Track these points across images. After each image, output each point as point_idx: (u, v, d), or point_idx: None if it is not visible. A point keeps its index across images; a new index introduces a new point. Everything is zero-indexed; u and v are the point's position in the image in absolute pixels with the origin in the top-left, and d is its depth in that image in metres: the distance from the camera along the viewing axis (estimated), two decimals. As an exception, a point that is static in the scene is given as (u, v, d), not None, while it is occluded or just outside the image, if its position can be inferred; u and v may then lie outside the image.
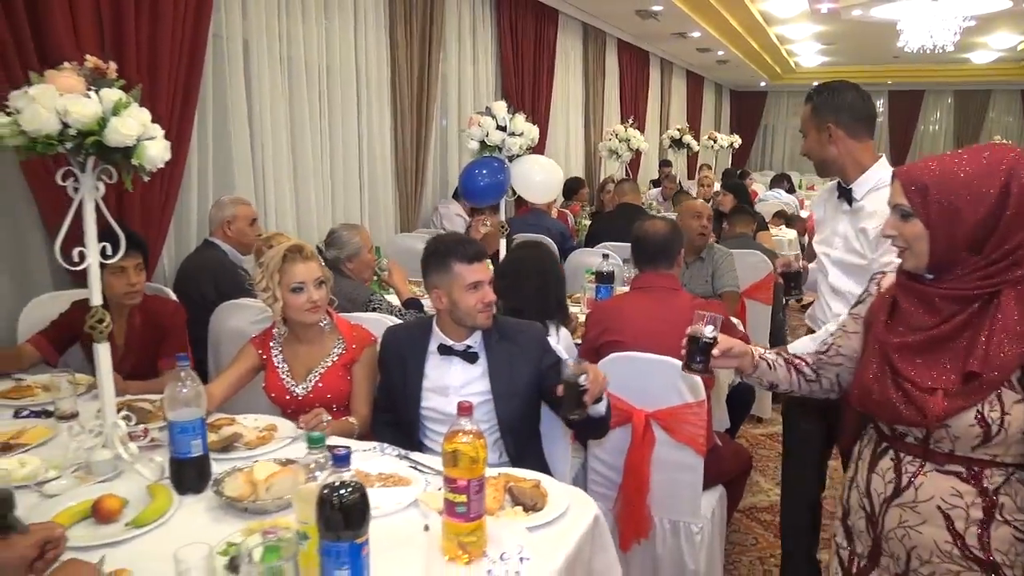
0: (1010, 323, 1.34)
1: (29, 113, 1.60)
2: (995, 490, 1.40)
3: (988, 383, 1.35)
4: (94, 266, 1.83)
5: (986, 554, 1.41)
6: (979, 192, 1.34)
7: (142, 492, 1.71)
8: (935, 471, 1.44)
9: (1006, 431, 1.36)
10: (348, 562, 1.24)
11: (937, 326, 1.41)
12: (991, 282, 1.36)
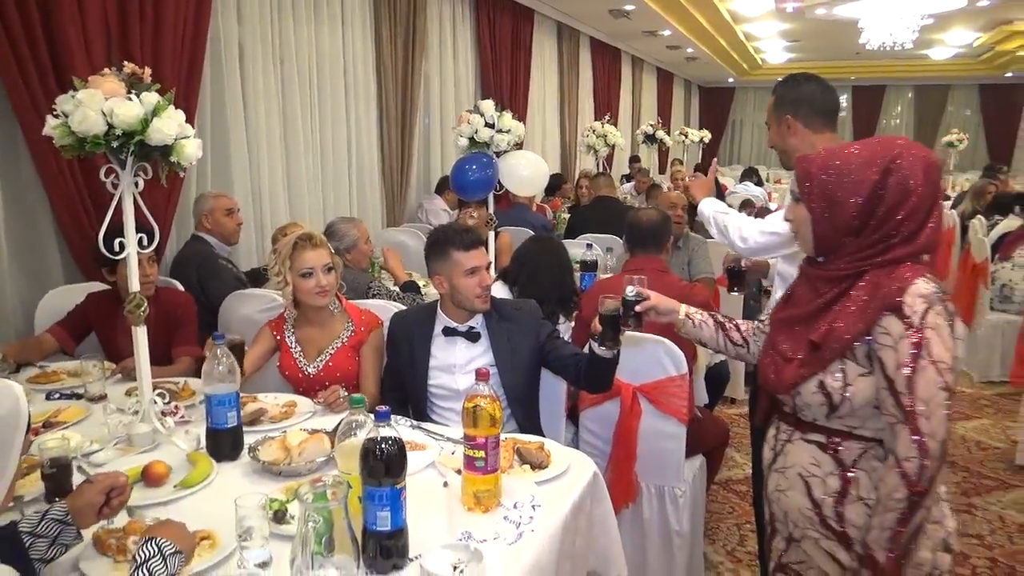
0: (857, 301, 1.41)
1: (79, 116, 1.76)
2: (851, 463, 1.45)
3: (826, 354, 1.43)
4: (132, 255, 1.99)
5: (841, 526, 1.46)
6: (858, 181, 1.40)
7: (183, 460, 1.88)
8: (800, 439, 1.52)
9: (850, 401, 1.42)
10: (389, 504, 1.43)
11: (810, 304, 1.49)
12: (858, 265, 1.42)
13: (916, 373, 1.32)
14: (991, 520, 3.38)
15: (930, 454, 1.31)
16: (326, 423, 2.08)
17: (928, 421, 1.31)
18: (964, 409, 4.78)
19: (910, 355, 1.33)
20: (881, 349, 1.36)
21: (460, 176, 3.65)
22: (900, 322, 1.34)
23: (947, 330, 1.34)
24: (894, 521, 1.34)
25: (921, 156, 1.40)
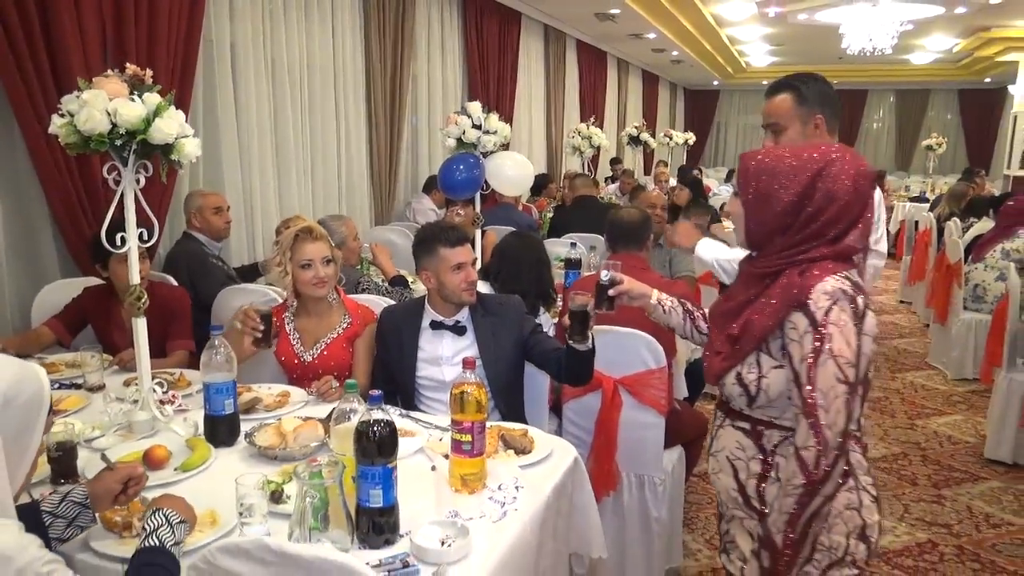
0: (771, 298, 1.46)
1: (84, 115, 1.84)
2: (772, 449, 1.52)
3: (743, 347, 1.49)
4: (133, 249, 2.07)
5: (761, 506, 1.53)
6: (790, 182, 1.44)
7: (181, 445, 1.96)
8: (730, 425, 1.60)
9: (765, 393, 1.48)
10: (381, 482, 1.52)
11: (737, 299, 1.55)
12: (782, 262, 1.47)
13: (817, 366, 1.37)
14: (959, 510, 3.51)
15: (827, 444, 1.36)
16: (318, 411, 2.17)
17: (827, 412, 1.36)
18: (937, 405, 4.93)
19: (812, 349, 1.38)
20: (790, 343, 1.43)
21: (448, 176, 3.74)
22: (805, 318, 1.39)
23: (851, 326, 1.38)
24: (791, 505, 1.39)
25: (853, 166, 1.44)
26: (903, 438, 4.35)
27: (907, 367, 5.75)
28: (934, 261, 6.32)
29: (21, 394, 1.21)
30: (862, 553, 1.48)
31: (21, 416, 1.20)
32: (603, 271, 1.97)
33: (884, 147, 17.43)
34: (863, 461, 1.52)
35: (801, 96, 2.13)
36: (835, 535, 1.46)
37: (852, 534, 1.47)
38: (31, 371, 1.25)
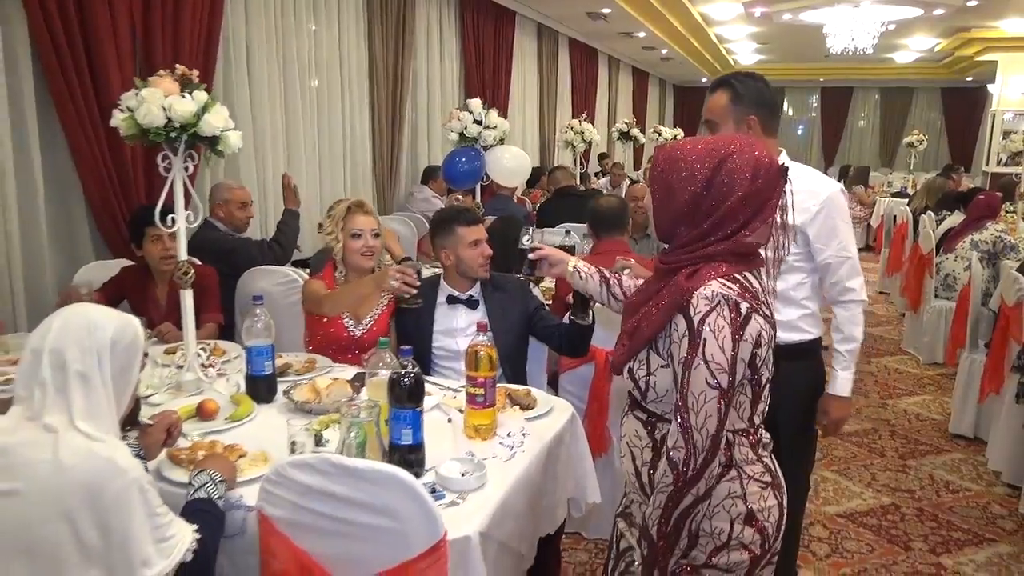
0: (662, 298, 1.47)
1: (143, 110, 2.10)
2: (661, 438, 1.52)
3: (635, 344, 1.52)
4: (181, 228, 2.33)
5: (651, 491, 1.51)
6: (691, 174, 1.42)
7: (227, 401, 2.23)
8: (631, 414, 1.63)
9: (654, 390, 1.51)
10: (411, 423, 1.79)
11: (642, 294, 1.58)
12: (682, 258, 1.47)
13: (690, 370, 1.38)
14: (922, 478, 3.81)
15: (696, 447, 1.38)
16: (344, 374, 2.44)
17: (696, 416, 1.37)
18: (908, 387, 5.24)
19: (687, 353, 1.39)
20: (672, 344, 1.45)
21: (451, 168, 4.01)
22: (685, 321, 1.41)
23: (728, 331, 1.37)
24: (662, 502, 1.42)
25: (754, 157, 1.41)
26: (874, 416, 4.66)
27: (882, 352, 6.06)
28: (909, 252, 6.64)
29: (124, 338, 1.47)
30: (750, 536, 1.49)
31: (124, 356, 1.47)
32: (523, 237, 2.09)
33: (869, 144, 17.78)
34: (751, 454, 1.51)
35: (736, 95, 2.13)
36: (717, 522, 1.47)
37: (736, 520, 1.48)
38: (131, 320, 1.51)
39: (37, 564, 1.27)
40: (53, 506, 1.28)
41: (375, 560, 1.46)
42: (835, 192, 2.21)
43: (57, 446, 1.31)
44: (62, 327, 1.42)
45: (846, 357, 2.25)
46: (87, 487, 1.30)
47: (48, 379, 1.38)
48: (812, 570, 2.96)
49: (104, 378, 1.42)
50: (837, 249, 2.19)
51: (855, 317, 2.24)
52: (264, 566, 1.53)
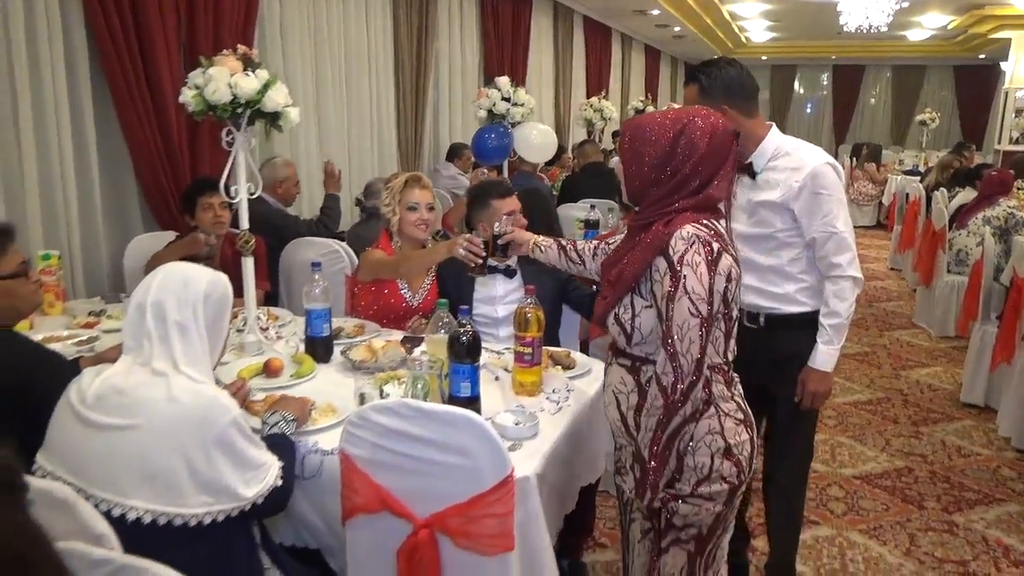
0: (641, 247, 1.63)
1: (211, 88, 2.24)
2: (645, 382, 1.67)
3: (618, 291, 1.66)
4: (243, 200, 2.48)
5: (638, 432, 1.68)
6: (657, 141, 1.61)
7: (288, 360, 2.39)
8: (615, 362, 1.77)
9: (639, 331, 1.65)
10: (470, 377, 1.95)
11: (620, 251, 1.74)
12: (652, 215, 1.64)
13: (673, 303, 1.54)
14: (934, 443, 3.96)
15: (682, 371, 1.54)
16: (393, 336, 2.60)
17: (681, 343, 1.53)
18: (920, 358, 5.38)
19: (670, 288, 1.55)
20: (654, 284, 1.61)
21: (480, 144, 4.14)
22: (665, 261, 1.57)
23: (704, 266, 1.54)
24: (655, 425, 1.58)
25: (710, 124, 1.61)
26: (887, 386, 4.80)
27: (894, 326, 6.20)
28: (922, 228, 6.74)
29: (215, 291, 1.61)
30: (728, 469, 1.65)
31: (216, 308, 1.60)
32: (496, 224, 2.28)
33: (881, 121, 17.78)
34: (726, 391, 1.67)
35: (703, 88, 2.16)
36: (700, 456, 1.63)
37: (716, 454, 1.64)
38: (220, 276, 1.65)
39: (157, 490, 1.42)
40: (168, 439, 1.43)
41: (448, 494, 1.62)
42: (819, 166, 2.14)
43: (169, 386, 1.46)
44: (161, 282, 1.56)
45: (828, 331, 2.22)
46: (197, 422, 1.45)
47: (152, 329, 1.52)
48: (830, 527, 3.12)
49: (199, 328, 1.56)
50: (822, 224, 2.15)
51: (841, 292, 2.20)
52: (346, 501, 1.69)
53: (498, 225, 2.27)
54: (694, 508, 1.67)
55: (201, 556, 1.46)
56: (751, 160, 2.21)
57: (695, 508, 1.67)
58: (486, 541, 1.62)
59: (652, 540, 1.77)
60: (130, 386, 1.48)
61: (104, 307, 2.95)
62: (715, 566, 1.79)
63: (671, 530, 1.71)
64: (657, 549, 1.74)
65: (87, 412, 1.46)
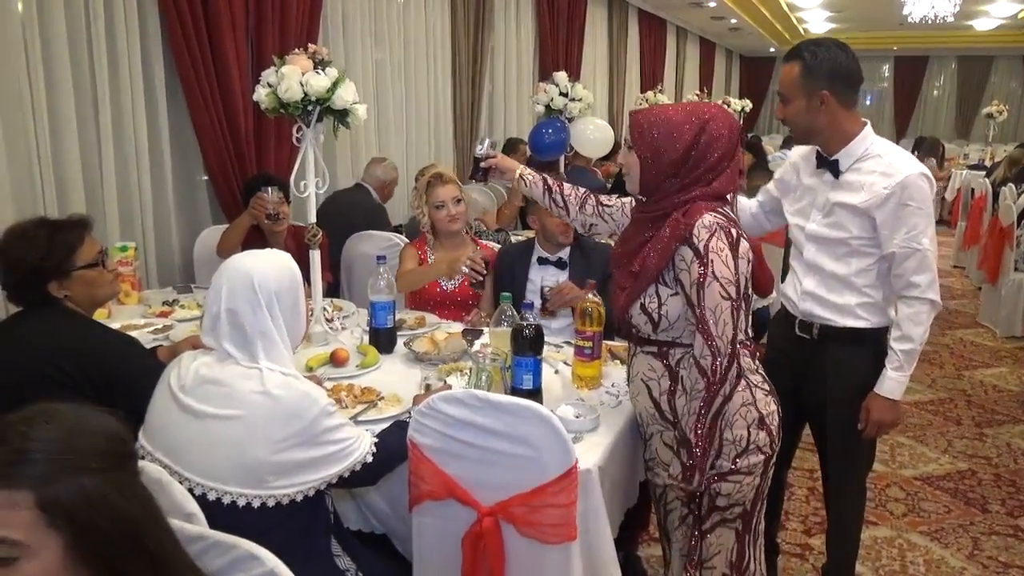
0: (662, 237, 1.67)
1: (284, 86, 2.31)
2: (675, 364, 1.75)
3: (642, 282, 1.70)
4: (311, 194, 2.55)
5: (673, 416, 1.76)
6: (678, 135, 1.65)
7: (354, 351, 2.46)
8: (640, 352, 1.82)
9: (666, 318, 1.70)
10: (532, 369, 1.99)
11: (635, 241, 1.76)
12: (667, 205, 1.69)
13: (704, 288, 1.60)
14: (999, 446, 3.87)
15: (719, 351, 1.60)
16: (453, 329, 2.65)
17: (716, 325, 1.60)
18: (984, 359, 5.24)
19: (699, 274, 1.61)
20: (680, 272, 1.66)
21: (537, 139, 4.17)
22: (690, 250, 1.62)
23: (727, 252, 1.61)
24: (697, 408, 1.64)
25: (728, 120, 1.69)
26: (950, 386, 4.70)
27: (958, 325, 6.04)
28: (988, 225, 6.55)
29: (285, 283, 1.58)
30: (763, 439, 1.73)
31: (290, 298, 1.60)
32: (478, 145, 2.24)
33: (944, 114, 17.22)
34: (752, 363, 1.74)
35: (807, 67, 2.01)
36: (737, 429, 1.69)
37: (751, 425, 1.71)
38: (284, 259, 1.63)
39: (249, 476, 1.47)
40: (264, 431, 1.47)
41: (513, 483, 1.66)
42: (912, 176, 1.97)
43: (263, 380, 1.50)
44: (230, 289, 1.53)
45: (899, 356, 2.04)
46: (291, 415, 1.48)
47: (231, 336, 1.53)
48: (890, 527, 3.08)
49: (278, 325, 1.56)
50: (905, 239, 1.98)
51: (917, 316, 2.03)
52: (413, 488, 1.75)
53: (480, 148, 2.23)
54: (736, 485, 1.73)
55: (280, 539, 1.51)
56: (836, 157, 2.06)
57: (737, 485, 1.73)
58: (549, 530, 1.66)
59: (690, 525, 1.80)
60: (226, 377, 1.51)
61: (176, 297, 3.07)
62: (759, 540, 1.86)
63: (715, 511, 1.77)
64: (699, 533, 1.78)
65: (185, 398, 1.51)
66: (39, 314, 1.93)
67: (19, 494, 0.86)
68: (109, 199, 3.21)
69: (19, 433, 0.89)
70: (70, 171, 3.04)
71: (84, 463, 0.90)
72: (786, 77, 2.07)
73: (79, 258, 1.94)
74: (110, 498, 0.90)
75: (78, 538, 0.88)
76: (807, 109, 2.03)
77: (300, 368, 2.25)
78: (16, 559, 0.86)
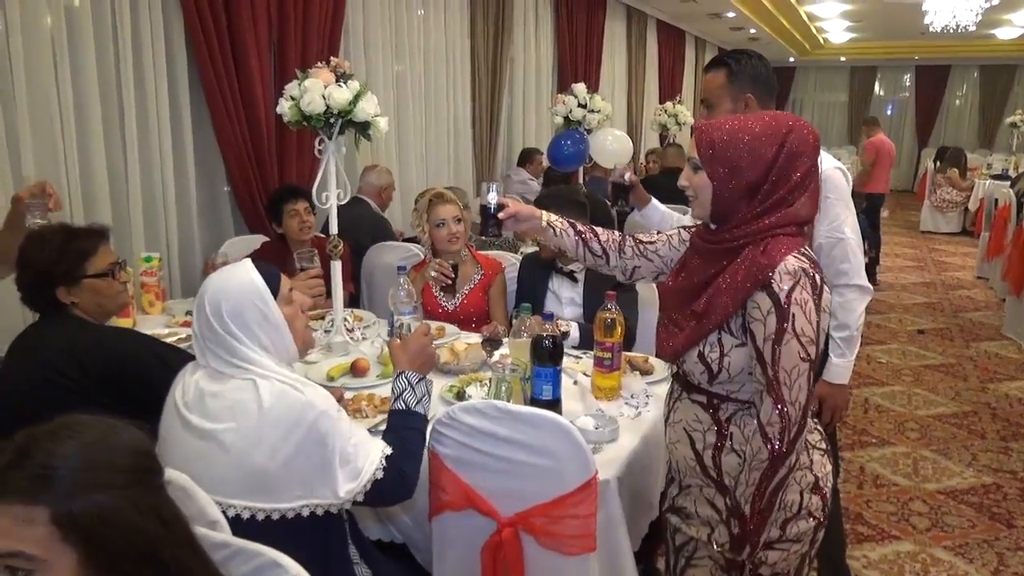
0: (734, 277, 1.44)
1: (307, 98, 2.35)
2: (726, 420, 1.53)
3: (706, 326, 1.47)
4: (333, 205, 2.58)
5: (718, 475, 1.55)
6: (758, 151, 1.43)
7: (374, 361, 2.47)
8: (687, 398, 1.59)
9: (727, 371, 1.48)
10: (551, 380, 1.99)
11: (699, 276, 1.53)
12: (742, 237, 1.46)
13: (780, 345, 1.38)
14: (1025, 460, 3.82)
15: (791, 420, 1.39)
16: (472, 339, 2.66)
17: (789, 390, 1.39)
18: (1010, 371, 5.17)
19: (776, 329, 1.38)
20: (752, 322, 1.42)
21: (556, 150, 4.19)
22: (768, 298, 1.39)
23: (811, 304, 1.40)
24: (756, 480, 1.44)
25: (810, 133, 1.46)
26: (974, 399, 4.64)
27: (981, 338, 5.96)
28: (1012, 235, 6.47)
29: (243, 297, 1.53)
30: (816, 504, 1.55)
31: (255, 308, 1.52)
32: (488, 193, 1.88)
33: (967, 124, 17.03)
34: (810, 422, 1.51)
35: (732, 73, 2.12)
36: (790, 494, 1.51)
37: (805, 490, 1.53)
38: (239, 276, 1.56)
39: (255, 489, 1.46)
40: (259, 439, 1.46)
41: (532, 494, 1.67)
42: (828, 170, 2.04)
43: (258, 389, 1.48)
44: (196, 314, 1.55)
45: (840, 345, 2.13)
46: (285, 422, 1.47)
47: (212, 354, 1.53)
48: (912, 542, 3.05)
49: (249, 341, 1.52)
50: (829, 229, 2.07)
51: (849, 303, 2.12)
52: (433, 498, 1.76)
53: (492, 195, 1.87)
54: (782, 554, 1.56)
55: (296, 549, 1.51)
56: None
57: (783, 553, 1.56)
58: (568, 541, 1.66)
59: None
60: (224, 389, 1.51)
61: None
62: None
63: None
64: None
65: (188, 414, 1.51)
66: (49, 321, 1.96)
67: (36, 510, 0.87)
68: (135, 210, 3.26)
69: (43, 449, 0.91)
70: (97, 182, 3.10)
71: (105, 480, 0.92)
72: (712, 84, 2.17)
73: (90, 266, 1.95)
74: (125, 514, 0.91)
75: (92, 554, 0.89)
76: (732, 112, 2.09)
77: (321, 377, 2.28)
78: (32, 572, 0.88)
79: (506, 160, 6.50)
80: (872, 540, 3.05)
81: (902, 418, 4.32)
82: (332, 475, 1.50)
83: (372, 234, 3.79)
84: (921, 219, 11.18)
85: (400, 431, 1.67)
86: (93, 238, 1.99)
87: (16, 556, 0.87)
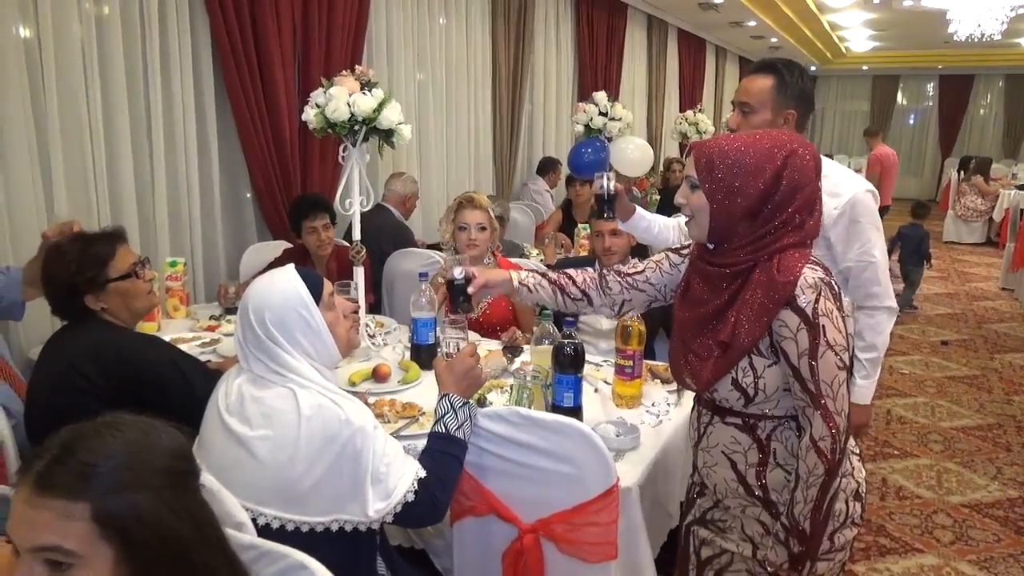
0: (755, 299, 1.41)
1: (332, 106, 2.37)
2: (766, 437, 1.50)
3: (734, 353, 1.44)
4: (356, 212, 2.61)
5: (764, 493, 1.52)
6: (758, 171, 1.39)
7: (395, 366, 2.49)
8: (720, 423, 1.56)
9: (763, 392, 1.46)
10: (573, 387, 2.00)
11: (712, 302, 1.49)
12: (749, 256, 1.43)
13: (817, 360, 1.37)
14: (1050, 473, 3.76)
15: (840, 429, 1.39)
16: (493, 346, 2.67)
17: (834, 401, 1.39)
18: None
19: (810, 344, 1.38)
20: (783, 341, 1.40)
21: (577, 158, 4.20)
22: (796, 315, 1.38)
23: (836, 312, 1.40)
24: (815, 496, 1.41)
25: (812, 153, 1.44)
26: (999, 411, 4.58)
27: (1006, 349, 5.89)
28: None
29: (285, 306, 1.54)
30: (858, 510, 1.56)
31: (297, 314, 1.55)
32: (455, 268, 1.82)
33: (991, 134, 16.84)
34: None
35: (783, 83, 2.02)
36: (837, 503, 1.50)
37: (850, 498, 1.55)
38: (275, 283, 1.59)
39: (287, 500, 1.48)
40: (294, 451, 1.47)
41: (555, 501, 1.67)
42: (859, 194, 2.04)
43: (297, 400, 1.50)
44: (240, 321, 1.56)
45: (865, 366, 2.13)
46: (321, 436, 1.48)
47: (255, 361, 1.55)
48: (936, 555, 3.01)
49: (292, 348, 1.53)
50: (859, 253, 2.06)
51: (878, 324, 2.11)
52: (455, 503, 1.76)
53: (458, 270, 1.81)
54: (829, 564, 1.55)
55: (324, 560, 1.50)
56: None
57: (830, 563, 1.55)
58: (589, 548, 1.66)
59: None
60: (266, 395, 1.52)
61: (223, 312, 3.14)
62: None
63: None
64: None
65: (229, 419, 1.53)
66: (75, 327, 1.97)
67: (77, 506, 0.89)
68: (160, 215, 3.30)
69: (86, 447, 0.92)
70: (124, 188, 3.15)
71: (144, 480, 0.93)
72: (757, 88, 2.05)
73: (112, 270, 1.94)
74: (160, 515, 0.93)
75: (127, 552, 0.91)
76: (771, 125, 2.02)
77: (343, 383, 2.29)
78: (71, 566, 0.90)
79: (525, 168, 6.52)
80: (895, 553, 3.02)
81: (925, 430, 4.27)
82: (363, 493, 1.50)
83: (394, 242, 3.82)
84: (944, 229, 11.06)
85: (437, 456, 1.66)
86: (110, 241, 1.98)
87: (56, 550, 0.89)
